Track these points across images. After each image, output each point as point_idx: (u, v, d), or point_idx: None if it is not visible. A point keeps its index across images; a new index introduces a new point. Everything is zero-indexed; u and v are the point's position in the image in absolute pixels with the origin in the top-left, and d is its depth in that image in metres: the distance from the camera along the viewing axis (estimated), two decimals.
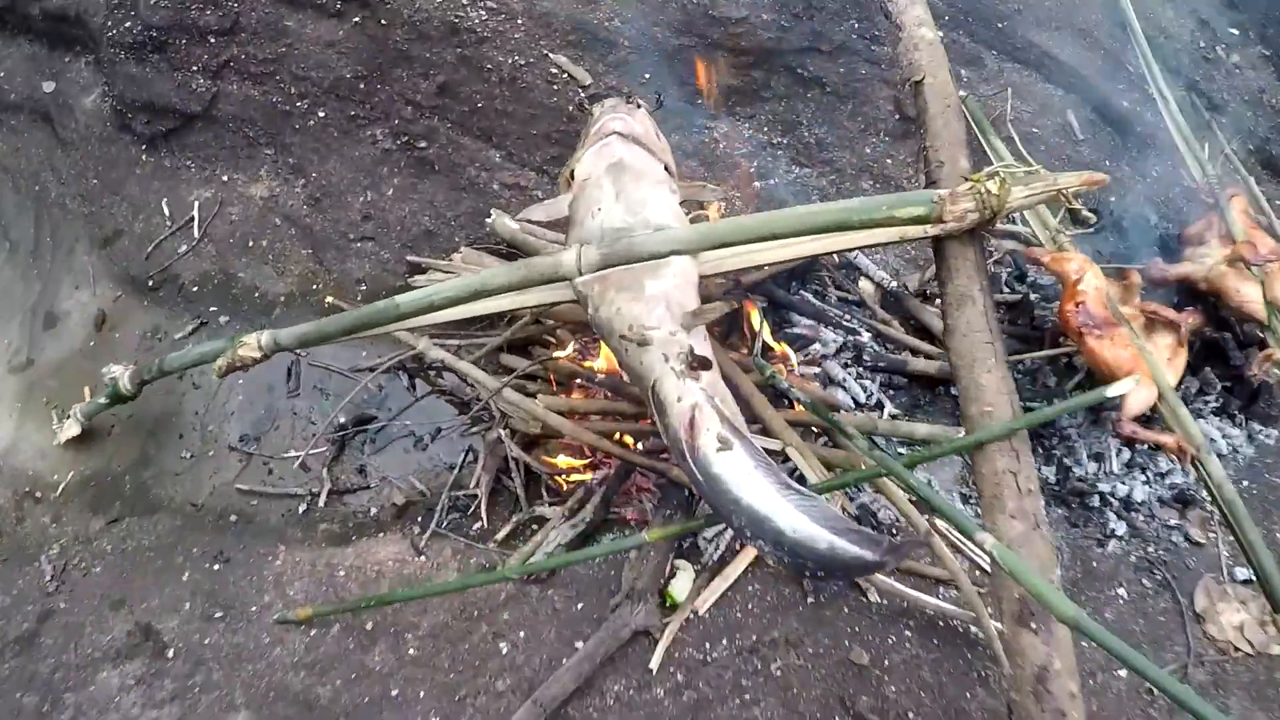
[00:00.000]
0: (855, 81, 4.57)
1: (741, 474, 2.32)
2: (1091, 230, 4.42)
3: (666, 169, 2.99)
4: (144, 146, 4.88)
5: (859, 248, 2.98)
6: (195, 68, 4.68)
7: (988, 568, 3.29)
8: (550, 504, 3.69)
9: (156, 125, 4.83)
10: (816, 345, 3.79)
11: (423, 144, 4.47)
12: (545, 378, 3.88)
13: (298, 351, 4.33)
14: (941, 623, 3.27)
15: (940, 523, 3.49)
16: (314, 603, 3.49)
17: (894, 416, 3.90)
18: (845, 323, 3.88)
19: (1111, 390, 2.73)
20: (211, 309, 4.58)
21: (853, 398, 3.81)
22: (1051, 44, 4.99)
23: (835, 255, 4.25)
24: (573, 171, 3.01)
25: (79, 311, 4.76)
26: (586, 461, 3.68)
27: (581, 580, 3.40)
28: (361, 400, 4.15)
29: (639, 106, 3.16)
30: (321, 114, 4.60)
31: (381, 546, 3.69)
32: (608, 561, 3.47)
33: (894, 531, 3.51)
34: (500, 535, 3.63)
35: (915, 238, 2.80)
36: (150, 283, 4.68)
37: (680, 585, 3.28)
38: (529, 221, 3.06)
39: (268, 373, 4.35)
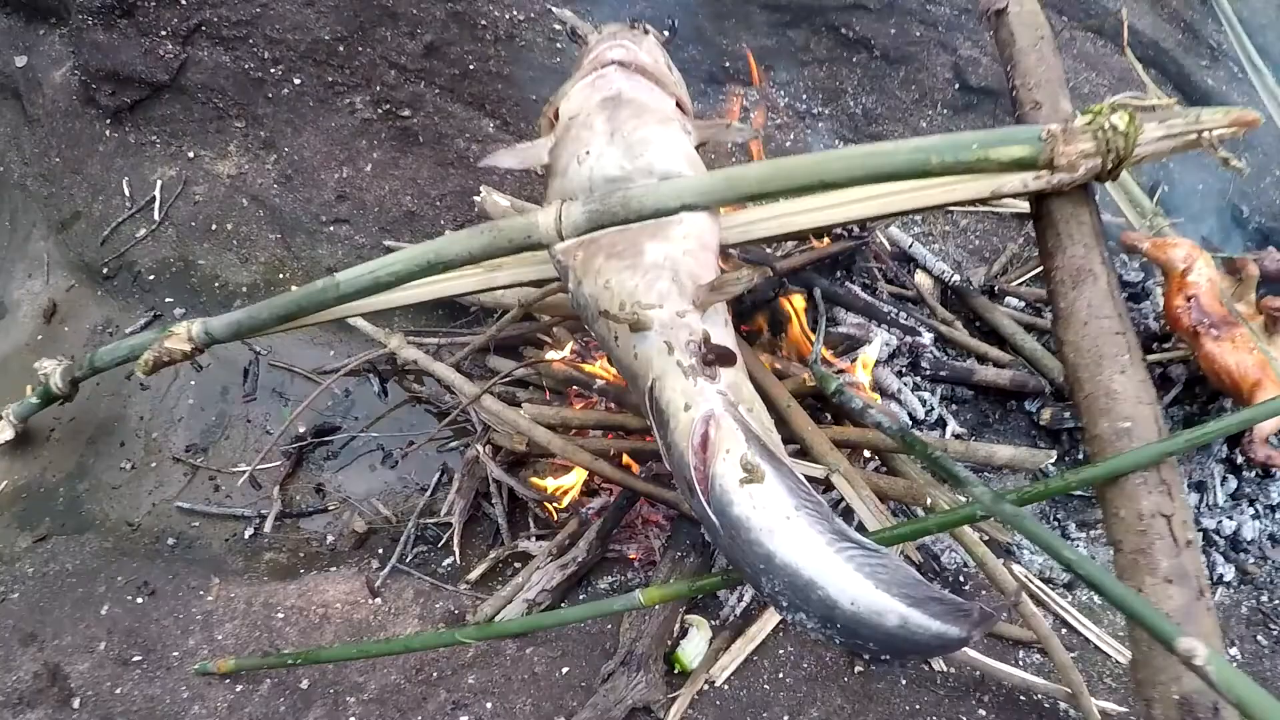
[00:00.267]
0: (908, 45, 3.71)
1: (776, 518, 1.50)
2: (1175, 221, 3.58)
3: (679, 105, 2.16)
4: (108, 121, 4.16)
5: (937, 207, 2.12)
6: (164, 32, 3.95)
7: (1118, 656, 2.49)
8: (537, 537, 2.87)
9: (121, 97, 4.10)
10: (866, 349, 2.93)
11: (406, 113, 3.68)
12: (539, 384, 3.07)
13: (256, 349, 3.56)
14: (1023, 698, 2.43)
15: (1018, 567, 2.66)
16: (242, 652, 2.70)
17: (958, 436, 3.06)
18: (903, 321, 3.02)
19: None
20: (167, 300, 3.81)
21: (909, 413, 2.96)
22: (1130, 13, 4.14)
23: (888, 240, 3.40)
24: (557, 110, 2.20)
25: (30, 302, 4.03)
26: (582, 486, 2.85)
27: (568, 636, 2.57)
28: (324, 407, 3.37)
29: (646, 33, 2.33)
30: (297, 81, 3.82)
31: (331, 584, 2.88)
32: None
33: (961, 580, 2.67)
34: (474, 574, 2.82)
35: (1013, 193, 1.96)
36: (105, 271, 3.95)
37: (692, 647, 2.44)
38: (494, 165, 2.24)
39: (222, 374, 3.58)
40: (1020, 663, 2.54)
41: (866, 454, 2.75)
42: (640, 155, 1.97)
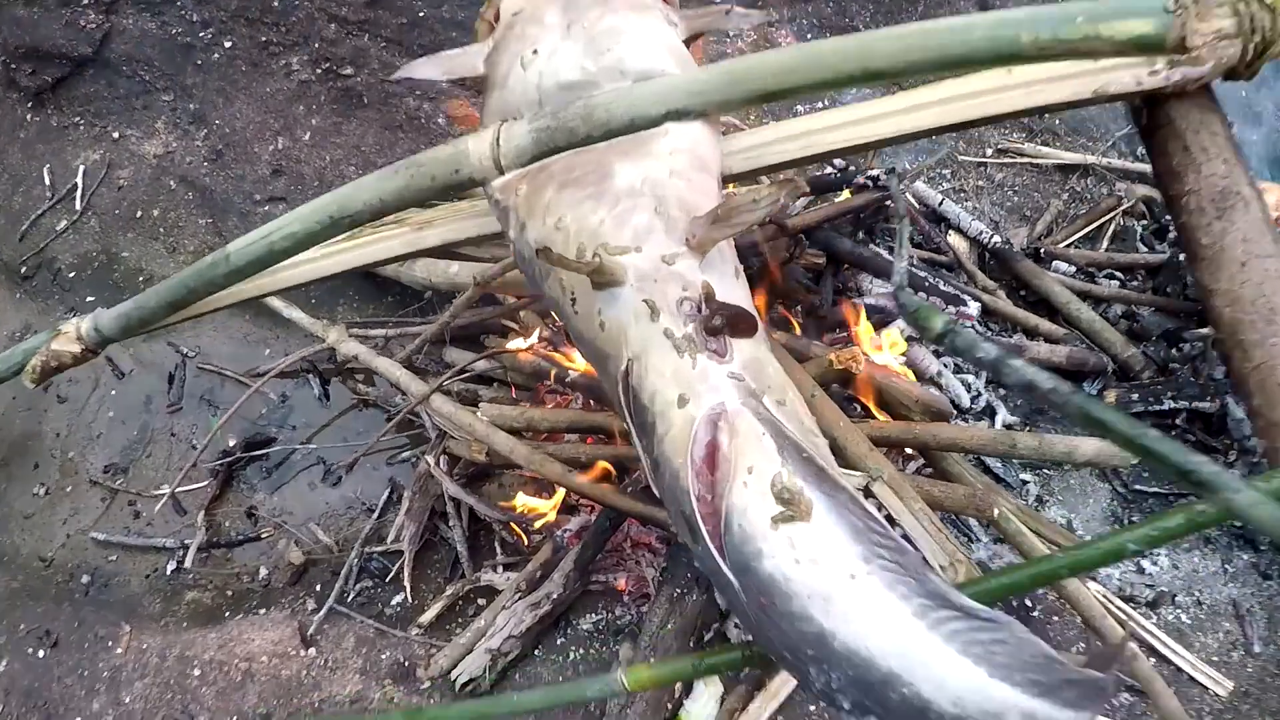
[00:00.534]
0: None
1: (835, 576, 0.88)
2: None
3: None
4: (30, 104, 3.59)
5: (1019, 114, 1.45)
6: (86, 1, 3.29)
7: (1217, 688, 1.87)
8: (503, 567, 2.22)
9: (43, 75, 3.52)
10: (899, 324, 2.28)
11: (349, 71, 3.04)
12: (505, 380, 2.42)
13: (183, 351, 2.92)
14: None
15: (1095, 585, 2.04)
16: (157, 710, 2.07)
17: (1009, 426, 2.42)
18: (944, 289, 2.36)
19: None
20: (88, 299, 3.19)
21: (953, 400, 2.31)
22: None
23: (914, 198, 2.75)
24: (497, 10, 1.55)
25: None
26: (556, 503, 2.20)
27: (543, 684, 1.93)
28: (256, 415, 2.73)
29: None
30: (228, 44, 3.21)
31: (258, 631, 2.24)
32: (588, 655, 2.02)
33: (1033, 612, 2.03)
34: (428, 616, 2.16)
35: (1121, 92, 1.32)
36: (24, 270, 3.35)
37: (700, 709, 1.80)
38: (410, 79, 1.58)
39: (146, 380, 2.95)
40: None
41: (906, 454, 2.11)
42: (607, 50, 1.33)
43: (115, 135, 3.37)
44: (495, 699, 1.83)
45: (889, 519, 1.78)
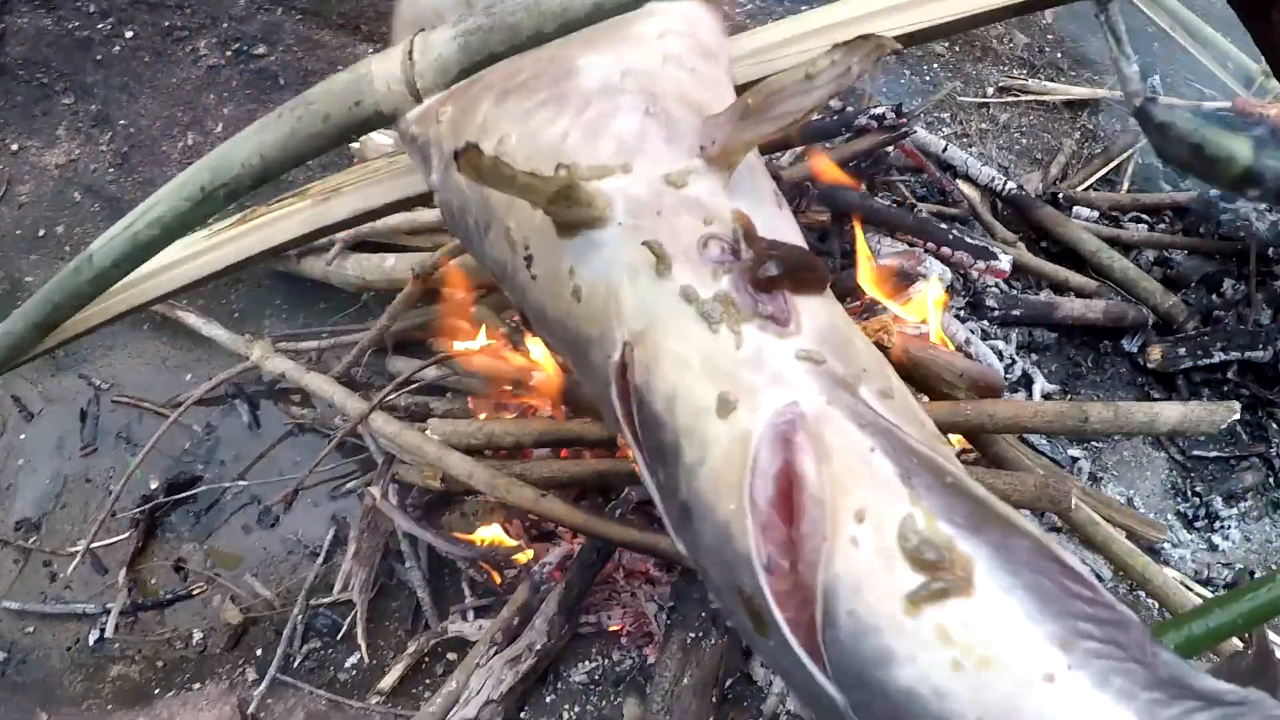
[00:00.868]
0: None
1: (1022, 684, 0.48)
2: None
3: None
4: None
5: None
6: None
7: None
8: (474, 612, 1.78)
9: None
10: (921, 285, 1.87)
11: (261, 50, 2.62)
12: (460, 389, 1.99)
13: (95, 383, 2.47)
14: None
15: (1169, 570, 1.68)
16: None
17: (1047, 397, 2.03)
18: (970, 242, 1.94)
19: None
20: None
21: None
22: None
23: (917, 145, 2.33)
24: None
25: None
26: (530, 539, 1.77)
27: None
28: (179, 452, 2.26)
29: None
30: (129, 34, 2.78)
31: (192, 711, 1.80)
32: (585, 713, 1.61)
33: None
34: (388, 681, 1.72)
35: None
36: None
37: None
38: None
39: (58, 420, 2.47)
40: None
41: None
42: None
43: (14, 148, 2.90)
44: None
45: None
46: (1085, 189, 2.46)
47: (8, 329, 1.50)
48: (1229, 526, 2.01)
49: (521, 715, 1.64)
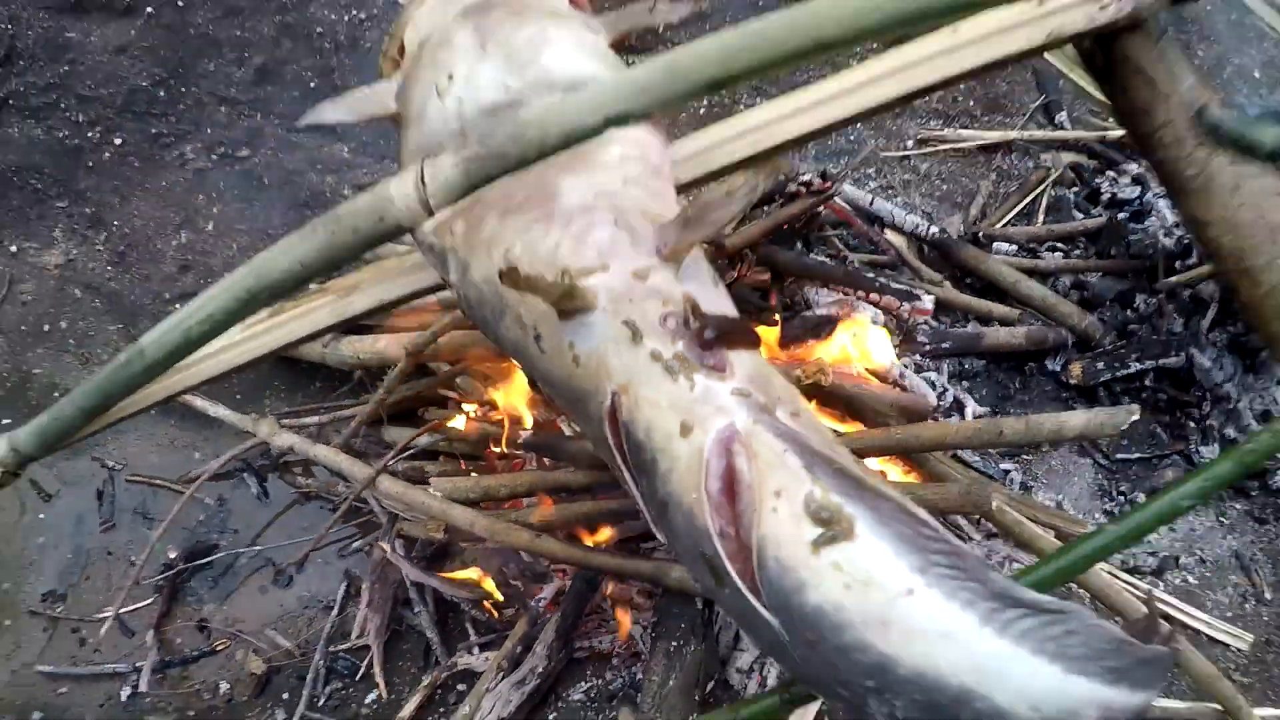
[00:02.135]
0: None
1: (891, 595, 0.75)
2: None
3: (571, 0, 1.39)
4: None
5: (975, 73, 1.34)
6: None
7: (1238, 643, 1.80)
8: (479, 647, 2.04)
9: None
10: (868, 319, 2.17)
11: (245, 152, 2.90)
12: (451, 452, 2.25)
13: (108, 464, 2.70)
14: None
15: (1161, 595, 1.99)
16: None
17: (978, 417, 2.32)
18: (896, 287, 2.24)
19: None
20: (4, 420, 2.93)
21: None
22: None
23: (846, 200, 2.65)
24: (401, 43, 1.41)
25: None
26: (525, 578, 2.04)
27: None
28: (194, 523, 2.51)
29: None
30: (118, 141, 3.04)
31: None
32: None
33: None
34: (406, 711, 1.97)
35: (1075, 32, 1.22)
36: None
37: None
38: (318, 122, 1.43)
39: (74, 500, 2.72)
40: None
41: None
42: (530, 62, 1.19)
43: (13, 249, 3.15)
44: None
45: None
46: (1004, 225, 2.79)
47: (57, 415, 1.73)
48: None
49: None
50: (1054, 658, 0.76)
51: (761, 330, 1.98)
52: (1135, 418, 1.77)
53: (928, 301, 2.22)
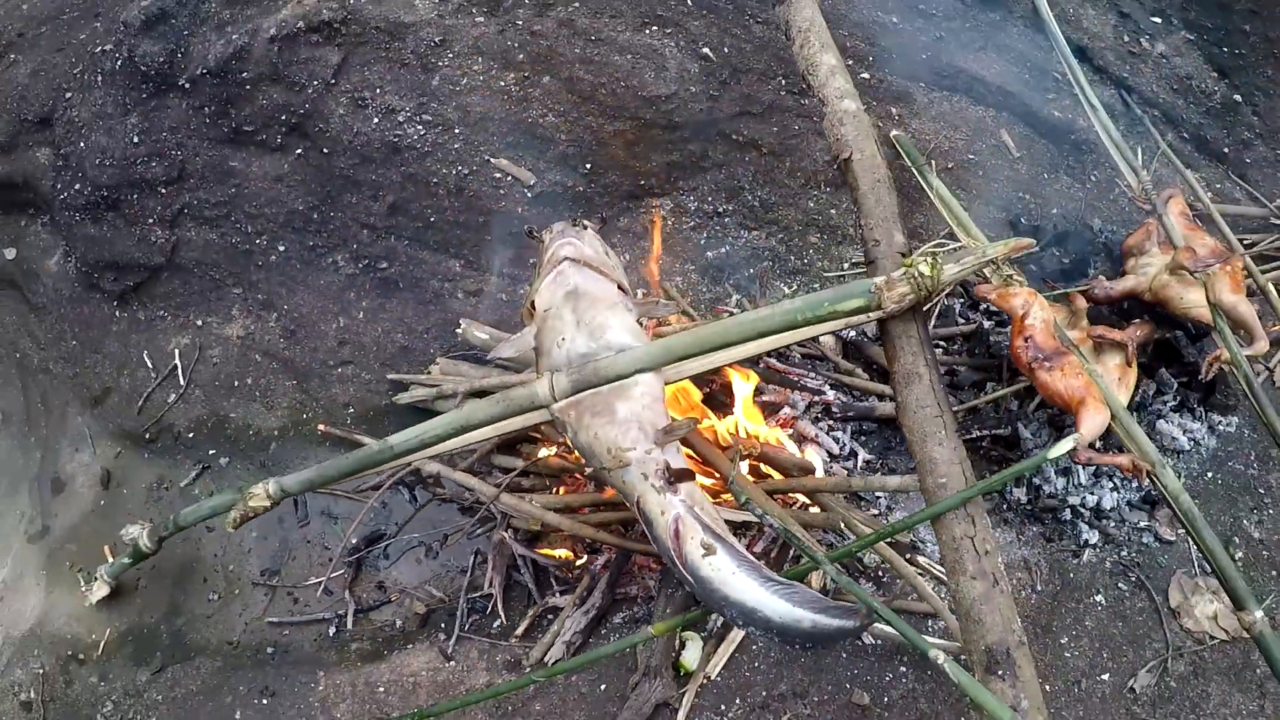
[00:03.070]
0: (790, 139, 5.08)
1: (727, 574, 2.83)
2: (1038, 248, 4.94)
3: (620, 287, 3.48)
4: (115, 303, 5.31)
5: (806, 339, 3.48)
6: (151, 220, 5.12)
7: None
8: (561, 593, 4.19)
9: (124, 281, 5.26)
10: (786, 408, 4.30)
11: (384, 264, 4.96)
12: (537, 472, 4.38)
13: None
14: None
15: (923, 559, 4.01)
16: None
17: (868, 462, 4.40)
18: (808, 385, 4.38)
19: (1052, 453, 3.07)
20: (210, 452, 5.04)
21: (827, 450, 4.32)
22: (977, 66, 5.50)
23: None
24: (533, 303, 3.50)
25: (83, 473, 5.21)
26: (587, 552, 4.19)
27: (601, 664, 3.90)
28: (369, 520, 4.63)
29: (585, 228, 3.64)
30: (282, 248, 5.06)
31: (413, 657, 4.18)
32: (621, 637, 3.98)
33: (880, 575, 4.02)
34: (520, 630, 4.13)
35: (859, 323, 3.28)
36: (147, 435, 5.11)
37: (690, 655, 3.79)
38: (500, 359, 3.56)
39: (280, 506, 4.84)
40: (931, 631, 3.89)
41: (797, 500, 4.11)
42: (600, 336, 3.28)
43: (199, 323, 5.22)
44: (589, 654, 3.80)
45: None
46: None
47: (322, 472, 3.82)
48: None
49: (589, 641, 4.03)
50: (787, 600, 2.83)
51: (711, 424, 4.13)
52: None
53: (829, 394, 4.34)
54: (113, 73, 5.00)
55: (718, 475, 3.73)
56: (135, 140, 4.95)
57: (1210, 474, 4.44)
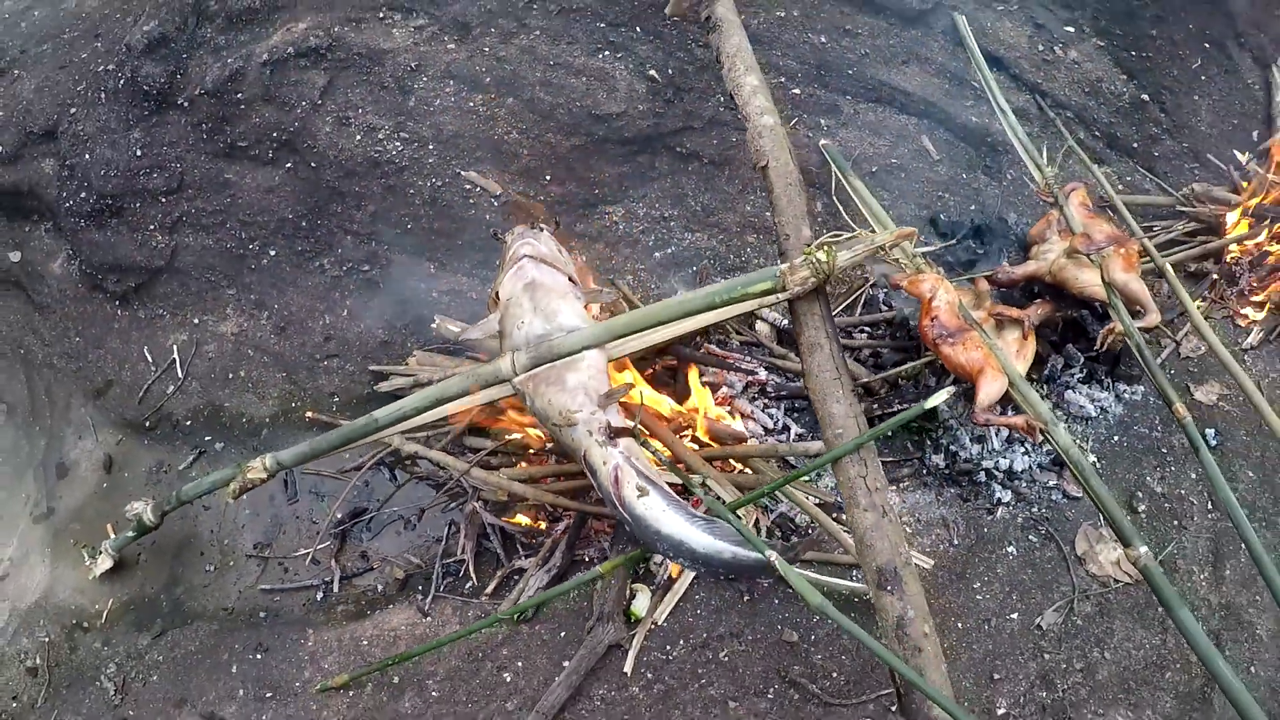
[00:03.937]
0: (728, 150, 5.67)
1: (658, 512, 3.39)
2: (955, 242, 5.54)
3: (571, 279, 4.06)
4: (117, 302, 5.83)
5: (728, 320, 4.05)
6: (152, 226, 5.66)
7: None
8: (526, 556, 4.73)
9: (126, 282, 5.78)
10: (725, 388, 4.87)
11: (366, 267, 5.51)
12: (505, 452, 4.93)
13: None
14: (857, 599, 4.32)
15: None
16: (347, 670, 4.50)
17: (799, 435, 4.96)
18: (743, 367, 4.95)
19: (929, 403, 3.61)
20: (206, 439, 5.57)
21: (763, 426, 4.89)
22: (900, 79, 6.07)
23: None
24: (497, 293, 4.07)
25: (86, 459, 5.72)
26: (549, 520, 4.74)
27: (560, 614, 4.44)
28: (352, 496, 5.16)
29: (542, 230, 4.22)
30: (273, 253, 5.61)
31: (393, 615, 4.70)
32: (580, 595, 4.51)
33: (808, 532, 4.58)
34: (489, 589, 4.65)
35: (771, 303, 3.86)
36: (147, 424, 5.62)
37: (640, 604, 4.34)
38: (469, 340, 4.14)
39: (268, 486, 5.35)
40: (852, 578, 4.44)
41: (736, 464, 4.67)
42: (554, 319, 3.84)
43: (196, 321, 5.74)
44: (550, 590, 4.35)
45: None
46: (836, 314, 5.42)
47: (316, 445, 4.37)
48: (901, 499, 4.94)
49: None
50: (712, 534, 3.40)
51: (662, 397, 4.69)
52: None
53: (762, 373, 4.91)
54: (116, 91, 5.54)
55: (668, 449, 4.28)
56: (138, 153, 5.49)
57: (1117, 438, 4.91)
